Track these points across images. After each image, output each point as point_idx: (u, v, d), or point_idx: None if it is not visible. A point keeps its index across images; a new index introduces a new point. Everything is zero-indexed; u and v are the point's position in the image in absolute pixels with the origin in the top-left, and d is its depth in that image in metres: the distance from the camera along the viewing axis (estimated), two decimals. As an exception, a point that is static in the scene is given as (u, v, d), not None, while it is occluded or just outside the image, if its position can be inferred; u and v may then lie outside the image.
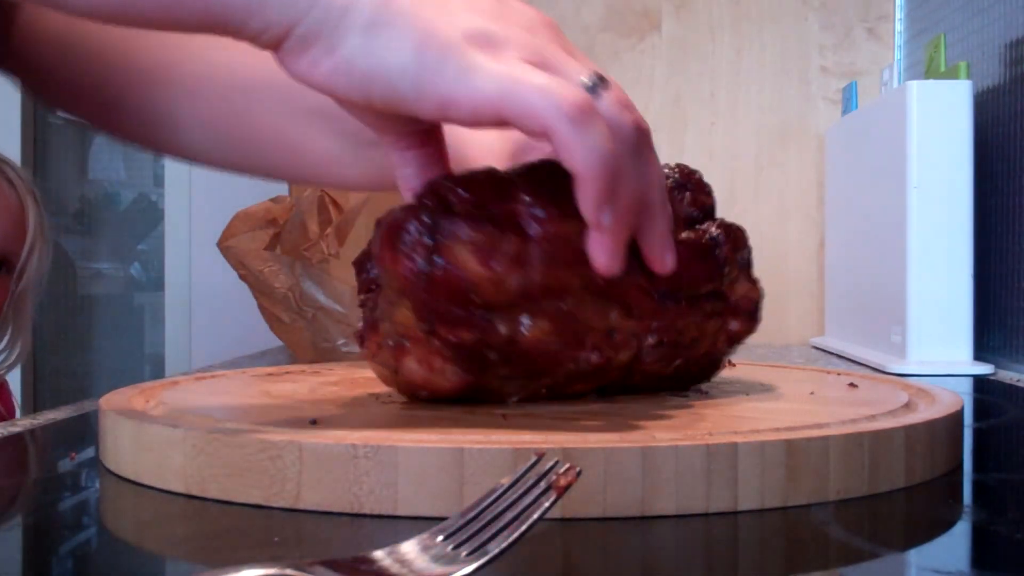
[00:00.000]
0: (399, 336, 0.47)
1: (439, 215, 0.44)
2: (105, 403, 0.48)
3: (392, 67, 0.39)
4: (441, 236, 0.44)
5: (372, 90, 0.40)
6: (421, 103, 0.40)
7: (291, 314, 1.00)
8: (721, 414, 0.46)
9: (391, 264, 0.45)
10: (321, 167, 0.61)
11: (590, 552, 0.35)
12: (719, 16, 1.41)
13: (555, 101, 0.38)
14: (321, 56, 0.40)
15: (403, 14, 0.40)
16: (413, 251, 0.44)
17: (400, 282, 0.45)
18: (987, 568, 0.35)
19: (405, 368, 0.47)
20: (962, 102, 0.96)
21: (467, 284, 0.44)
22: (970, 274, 0.97)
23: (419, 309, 0.45)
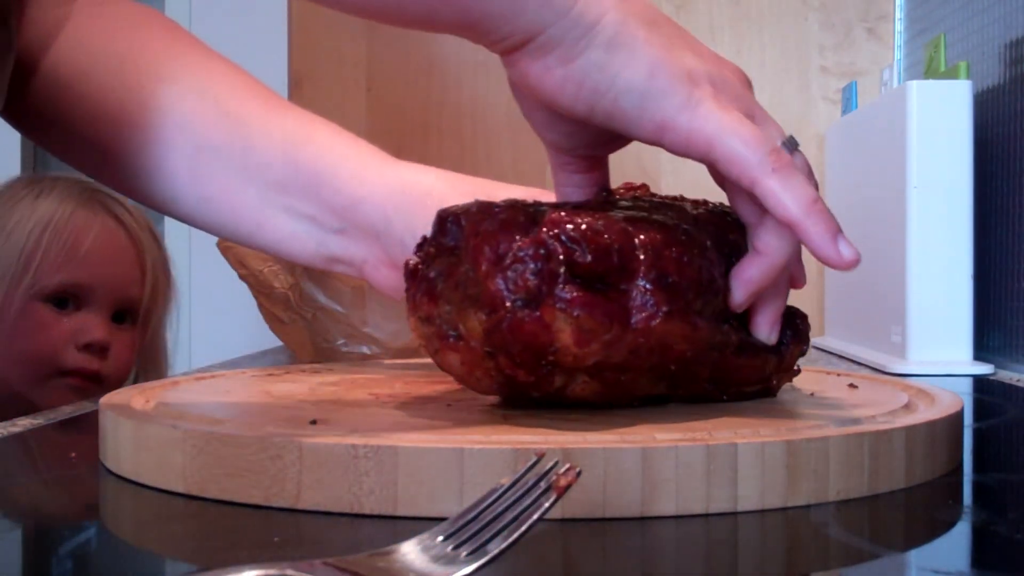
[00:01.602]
0: (454, 329, 0.45)
1: (557, 267, 0.43)
2: (105, 403, 0.48)
3: (623, 86, 0.43)
4: (548, 293, 0.43)
5: (598, 103, 0.43)
6: (642, 123, 0.43)
7: (291, 314, 1.00)
8: (721, 414, 0.46)
9: (485, 278, 0.44)
10: (279, 244, 0.61)
11: (590, 552, 0.35)
12: (719, 16, 1.41)
13: (762, 154, 0.42)
14: (555, 64, 0.43)
15: (639, 39, 0.43)
16: (515, 285, 0.43)
17: (487, 301, 0.44)
18: (987, 568, 0.35)
19: (445, 358, 0.46)
20: (962, 102, 0.96)
21: (551, 347, 0.43)
22: (970, 274, 0.97)
23: (491, 334, 0.44)
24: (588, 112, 0.44)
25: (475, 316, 0.44)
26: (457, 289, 0.45)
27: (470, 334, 0.44)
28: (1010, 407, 0.75)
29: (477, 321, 0.44)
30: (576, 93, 0.43)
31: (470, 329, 0.44)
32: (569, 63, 0.43)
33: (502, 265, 0.43)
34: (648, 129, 0.43)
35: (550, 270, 0.43)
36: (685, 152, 0.44)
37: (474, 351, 0.45)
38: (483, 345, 0.44)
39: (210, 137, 0.59)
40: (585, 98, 0.43)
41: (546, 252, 0.43)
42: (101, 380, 1.08)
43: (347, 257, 0.60)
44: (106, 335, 1.08)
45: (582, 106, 0.44)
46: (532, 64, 0.44)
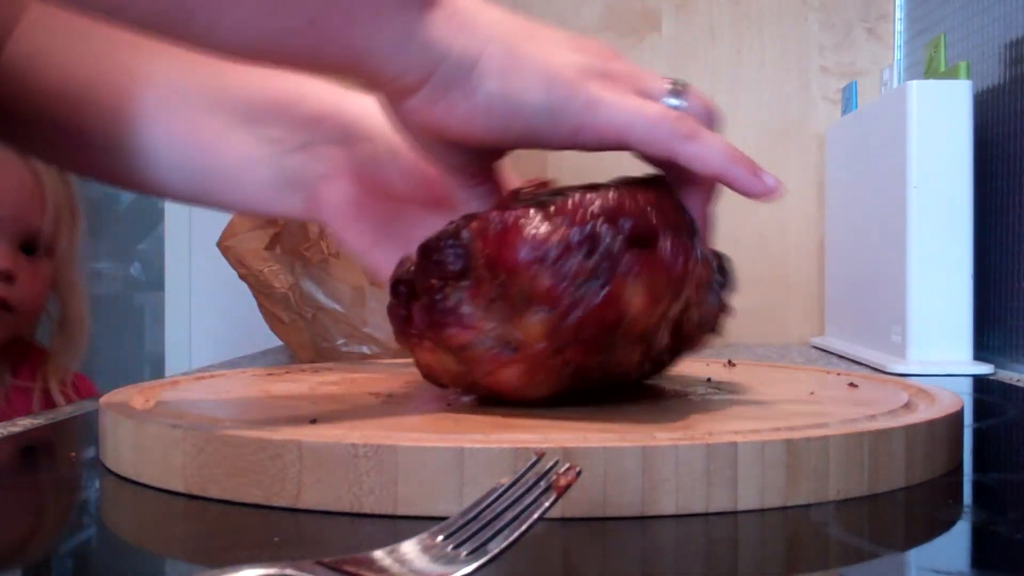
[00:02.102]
0: (506, 344, 0.45)
1: (609, 240, 0.44)
2: (105, 403, 0.48)
3: (529, 109, 0.44)
4: (612, 267, 0.44)
5: (510, 128, 0.45)
6: (556, 134, 0.45)
7: (291, 314, 1.00)
8: (721, 414, 0.46)
9: (534, 280, 0.44)
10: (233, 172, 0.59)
11: (590, 552, 0.35)
12: (719, 16, 1.41)
13: (669, 127, 0.45)
14: (459, 101, 0.44)
15: (529, 58, 0.44)
16: (576, 275, 0.44)
17: (546, 300, 0.44)
18: (987, 568, 0.35)
19: (501, 376, 0.46)
20: (962, 102, 0.96)
21: (624, 318, 0.44)
22: (970, 274, 0.97)
23: (557, 330, 0.44)
24: (501, 137, 0.45)
25: (534, 318, 0.44)
26: (495, 304, 0.45)
27: (531, 339, 0.45)
28: (1010, 407, 0.75)
29: (538, 323, 0.44)
30: (487, 124, 0.44)
31: (531, 334, 0.45)
32: (471, 98, 0.44)
33: (548, 261, 0.44)
34: (563, 137, 0.45)
35: (605, 247, 0.44)
36: (600, 147, 0.46)
37: (536, 355, 0.45)
38: (549, 344, 0.45)
39: (184, 84, 0.59)
40: (496, 127, 0.45)
41: (591, 231, 0.44)
42: (10, 308, 1.12)
43: (302, 175, 0.58)
44: (11, 264, 1.12)
45: (494, 134, 0.45)
46: (434, 106, 0.44)
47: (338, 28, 0.41)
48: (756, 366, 0.70)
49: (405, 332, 0.48)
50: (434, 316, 0.46)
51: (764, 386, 0.56)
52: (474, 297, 0.45)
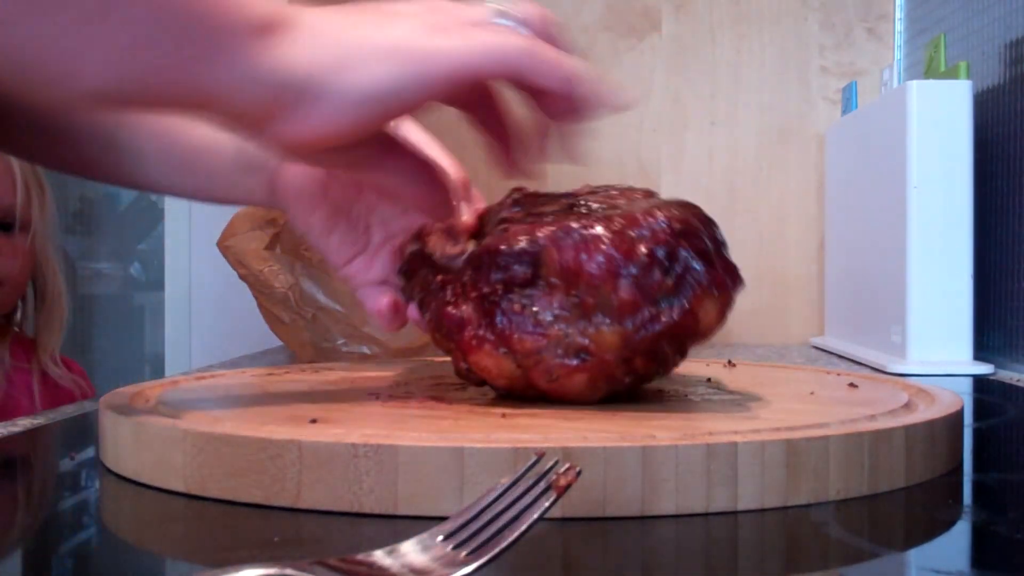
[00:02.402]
0: (576, 352, 0.46)
1: (685, 256, 0.46)
2: (105, 403, 0.48)
3: (377, 89, 0.44)
4: (694, 283, 0.46)
5: (373, 114, 0.45)
6: (415, 99, 0.45)
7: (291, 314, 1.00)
8: (721, 414, 0.46)
9: (614, 291, 0.45)
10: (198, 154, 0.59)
11: (590, 552, 0.35)
12: (719, 16, 1.41)
13: (503, 53, 0.46)
14: (314, 112, 0.44)
15: (364, 45, 0.45)
16: (655, 290, 0.45)
17: (624, 313, 0.45)
18: (987, 568, 0.35)
19: (569, 382, 0.47)
20: (962, 102, 0.96)
21: (697, 333, 0.47)
22: (970, 274, 0.97)
23: (631, 342, 0.46)
24: (370, 126, 0.46)
25: (610, 330, 0.46)
26: (567, 313, 0.46)
27: (602, 349, 0.46)
28: (1010, 407, 0.75)
29: (613, 334, 0.46)
30: (350, 122, 0.45)
31: (604, 344, 0.46)
32: (325, 105, 0.44)
33: (629, 275, 0.45)
34: (421, 100, 0.46)
35: (683, 265, 0.45)
36: (460, 94, 0.47)
37: (605, 363, 0.46)
38: (619, 354, 0.46)
39: None
40: (360, 120, 0.45)
41: (671, 249, 0.45)
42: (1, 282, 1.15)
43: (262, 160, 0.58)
44: None
45: (362, 127, 0.45)
46: (295, 125, 0.44)
47: (182, 70, 0.42)
48: (756, 366, 0.70)
49: (459, 333, 0.48)
50: (501, 321, 0.47)
51: (764, 386, 0.56)
52: (546, 305, 0.46)
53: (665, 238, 0.46)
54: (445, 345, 0.50)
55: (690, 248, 0.46)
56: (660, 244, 0.46)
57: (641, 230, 0.46)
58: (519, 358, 0.47)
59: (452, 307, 0.49)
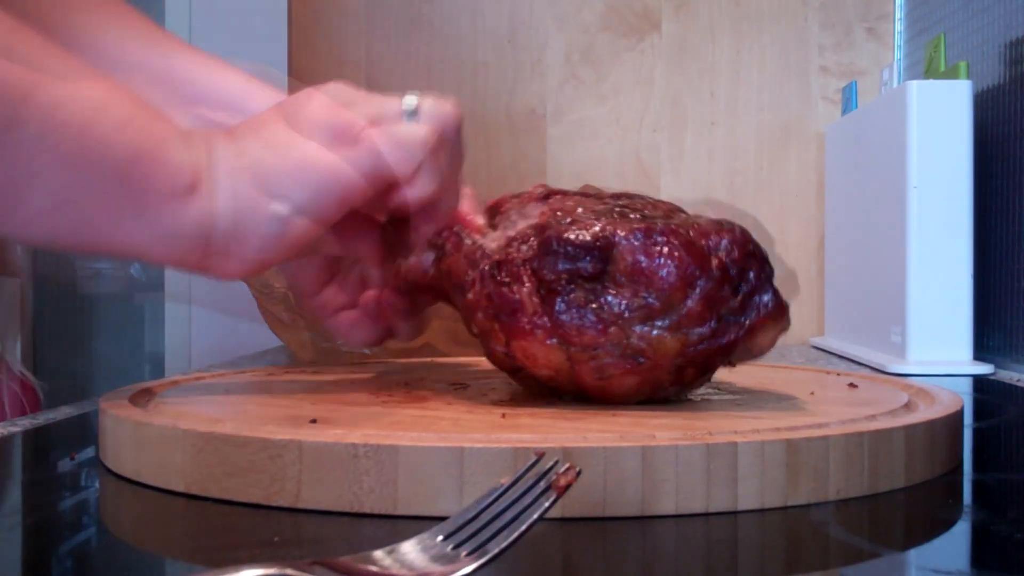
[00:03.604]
0: (633, 354, 0.46)
1: (752, 278, 0.47)
2: (105, 403, 0.48)
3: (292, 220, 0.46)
4: (757, 307, 0.47)
5: (300, 239, 0.47)
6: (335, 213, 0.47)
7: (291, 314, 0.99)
8: (721, 414, 0.46)
9: (682, 300, 0.46)
10: None
11: (590, 552, 0.35)
12: (719, 16, 1.41)
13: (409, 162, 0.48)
14: (240, 252, 0.46)
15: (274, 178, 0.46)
16: (722, 306, 0.46)
17: (688, 324, 0.46)
18: (987, 568, 0.35)
19: (621, 382, 0.47)
20: (962, 102, 0.96)
21: (750, 352, 0.48)
22: (970, 274, 0.97)
23: (689, 352, 0.46)
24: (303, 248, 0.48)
25: (671, 337, 0.46)
26: (630, 314, 0.46)
27: (659, 355, 0.46)
28: (1010, 407, 0.75)
29: (674, 342, 0.46)
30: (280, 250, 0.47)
31: (662, 351, 0.46)
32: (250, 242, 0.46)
33: (700, 287, 0.46)
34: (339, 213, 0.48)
35: (751, 286, 0.47)
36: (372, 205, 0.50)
37: (659, 369, 0.47)
38: (674, 362, 0.46)
39: (132, 55, 0.59)
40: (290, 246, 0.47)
41: (742, 268, 0.47)
42: None
43: None
44: None
45: (295, 249, 0.47)
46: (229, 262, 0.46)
47: (105, 231, 0.44)
48: (756, 366, 0.70)
49: (511, 316, 0.48)
50: (562, 311, 0.47)
51: (764, 386, 0.56)
52: (610, 303, 0.46)
53: (738, 257, 0.46)
54: (485, 325, 0.49)
55: (758, 271, 0.47)
56: (734, 262, 0.46)
57: (715, 245, 0.46)
58: (573, 351, 0.47)
59: (507, 289, 0.48)
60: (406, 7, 1.41)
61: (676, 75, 1.41)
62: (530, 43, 1.39)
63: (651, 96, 1.41)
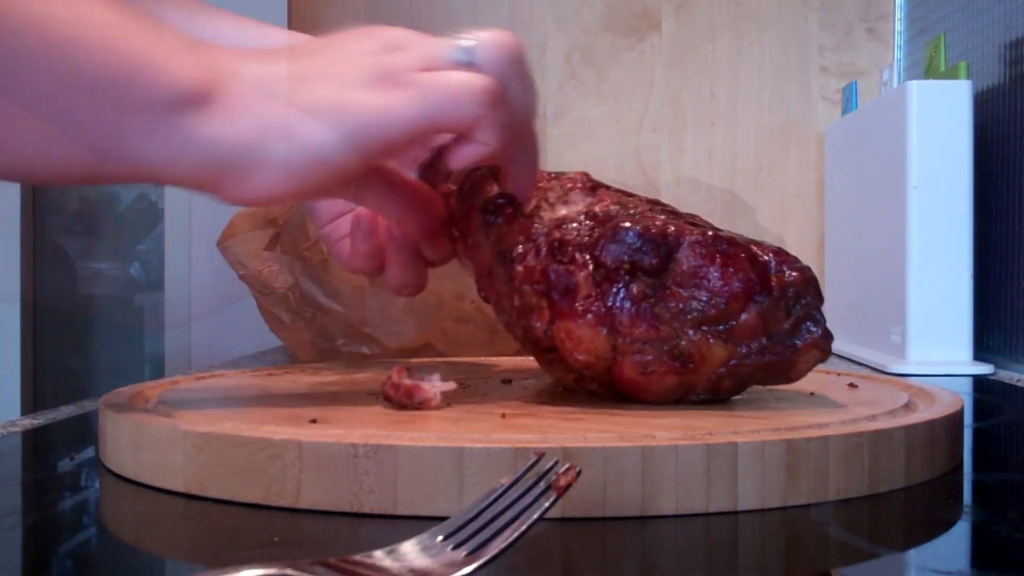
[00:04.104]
0: (679, 356, 0.47)
1: (809, 303, 0.48)
2: (105, 403, 0.48)
3: (312, 160, 0.43)
4: (807, 332, 0.48)
5: (309, 183, 0.43)
6: (366, 157, 0.44)
7: (291, 314, 1.00)
8: (721, 414, 0.46)
9: (739, 313, 0.46)
10: None
11: (590, 552, 0.35)
12: (719, 16, 1.41)
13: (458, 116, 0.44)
14: (250, 180, 0.43)
15: (292, 112, 0.42)
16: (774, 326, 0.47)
17: (740, 336, 0.46)
18: (987, 568, 0.35)
19: (660, 381, 0.47)
20: (962, 102, 0.96)
21: (788, 375, 0.48)
22: (970, 274, 0.97)
23: (733, 364, 0.47)
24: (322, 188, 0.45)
25: (723, 347, 0.46)
26: (685, 316, 0.46)
27: (705, 361, 0.47)
28: (1010, 407, 0.75)
29: (723, 351, 0.46)
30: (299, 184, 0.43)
31: (710, 358, 0.47)
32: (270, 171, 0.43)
33: (759, 303, 0.46)
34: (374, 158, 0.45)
35: (803, 311, 0.47)
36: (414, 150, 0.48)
37: (701, 375, 0.47)
38: (717, 370, 0.47)
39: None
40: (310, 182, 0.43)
41: (797, 292, 0.47)
42: None
43: None
44: None
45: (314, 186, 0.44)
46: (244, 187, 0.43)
47: (117, 146, 0.41)
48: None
49: (564, 296, 0.47)
50: (617, 300, 0.47)
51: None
52: (667, 301, 0.46)
53: (796, 280, 0.47)
54: (531, 300, 0.48)
55: (812, 299, 0.47)
56: (791, 285, 0.47)
57: (776, 265, 0.47)
58: (620, 342, 0.47)
59: (565, 268, 0.47)
60: (406, 6, 1.41)
61: (676, 75, 1.41)
62: (530, 43, 1.38)
63: (651, 96, 1.41)
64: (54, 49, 0.39)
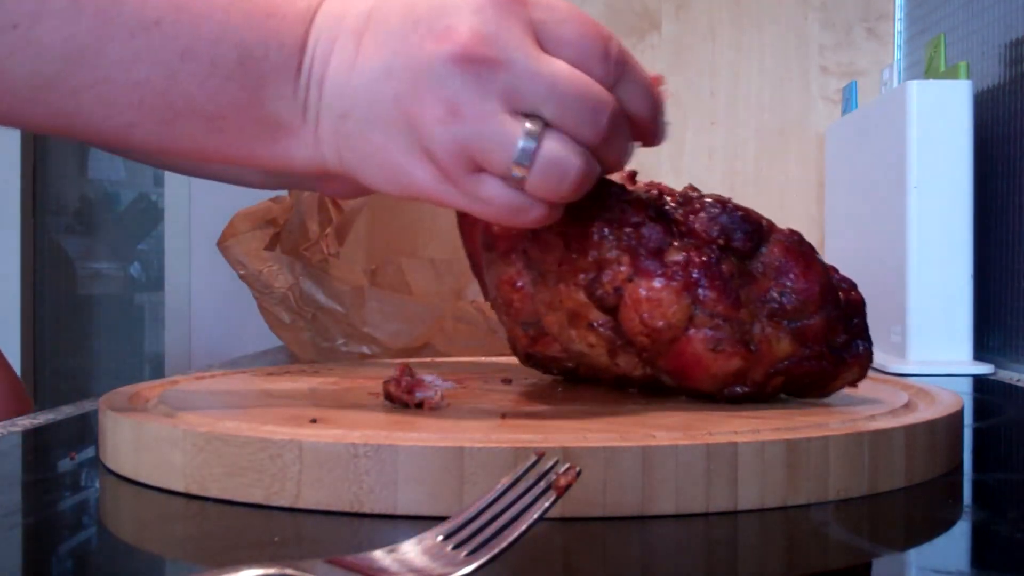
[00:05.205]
0: (747, 341, 0.47)
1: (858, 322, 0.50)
2: (105, 403, 0.48)
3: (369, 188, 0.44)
4: (857, 349, 0.49)
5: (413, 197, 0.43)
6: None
7: (291, 314, 1.00)
8: (721, 414, 0.46)
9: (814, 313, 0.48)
10: None
11: (590, 552, 0.35)
12: (719, 16, 1.41)
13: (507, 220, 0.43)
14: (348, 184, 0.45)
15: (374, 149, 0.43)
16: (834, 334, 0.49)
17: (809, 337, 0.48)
18: (987, 568, 0.35)
19: (724, 362, 0.47)
20: (962, 102, 0.96)
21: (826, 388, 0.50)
22: (970, 274, 0.97)
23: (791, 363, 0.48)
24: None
25: (787, 340, 0.47)
26: (761, 305, 0.47)
27: (770, 353, 0.47)
28: (1010, 407, 0.75)
29: (788, 345, 0.47)
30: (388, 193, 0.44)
31: (775, 349, 0.47)
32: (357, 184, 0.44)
33: (828, 307, 0.48)
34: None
35: (857, 324, 0.49)
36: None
37: (761, 365, 0.48)
38: (776, 365, 0.48)
39: None
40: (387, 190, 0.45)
41: (854, 309, 0.49)
42: None
43: None
44: None
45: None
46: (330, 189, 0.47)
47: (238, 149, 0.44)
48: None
49: (653, 258, 0.47)
50: (707, 272, 0.47)
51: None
52: (748, 285, 0.47)
53: (857, 299, 0.49)
54: (611, 255, 0.47)
55: (862, 320, 0.50)
56: (853, 302, 0.49)
57: (841, 280, 0.49)
58: (699, 313, 0.46)
59: (660, 227, 0.47)
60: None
61: (676, 75, 1.41)
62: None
63: (651, 96, 1.41)
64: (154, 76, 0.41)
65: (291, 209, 1.01)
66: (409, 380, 0.48)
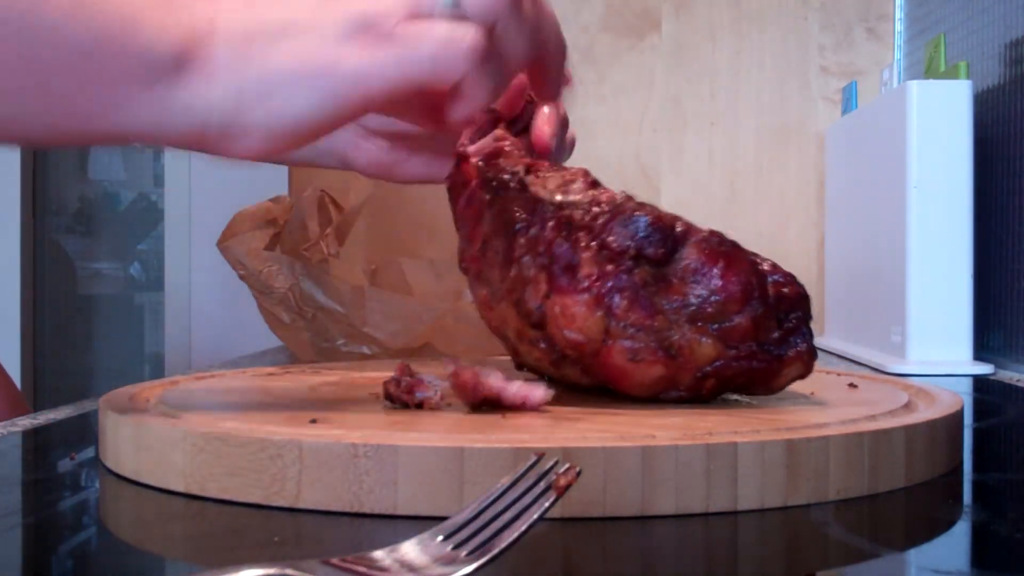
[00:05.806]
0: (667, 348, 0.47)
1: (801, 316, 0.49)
2: (105, 403, 0.48)
3: (299, 121, 0.42)
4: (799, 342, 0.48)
5: (298, 140, 0.43)
6: (343, 119, 0.43)
7: (291, 314, 1.00)
8: (721, 414, 0.46)
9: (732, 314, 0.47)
10: None
11: (590, 552, 0.35)
12: (719, 16, 1.41)
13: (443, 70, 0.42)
14: (238, 141, 0.42)
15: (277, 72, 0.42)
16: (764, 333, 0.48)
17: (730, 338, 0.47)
18: (987, 568, 0.35)
19: (644, 371, 0.47)
20: (962, 102, 0.96)
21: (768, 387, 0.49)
22: (970, 274, 0.97)
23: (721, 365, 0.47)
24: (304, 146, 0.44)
25: (713, 346, 0.47)
26: (681, 310, 0.47)
27: (694, 357, 0.47)
28: (1010, 407, 0.75)
29: (711, 350, 0.47)
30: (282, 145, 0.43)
31: (699, 355, 0.47)
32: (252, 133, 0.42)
33: (753, 308, 0.47)
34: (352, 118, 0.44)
35: (794, 322, 0.48)
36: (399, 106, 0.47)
37: (686, 371, 0.47)
38: (703, 368, 0.47)
39: None
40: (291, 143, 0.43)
41: (789, 307, 0.48)
42: None
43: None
44: None
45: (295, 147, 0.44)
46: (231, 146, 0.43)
47: (97, 115, 0.41)
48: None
49: (565, 273, 0.47)
50: (617, 283, 0.47)
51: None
52: (666, 292, 0.47)
53: (789, 294, 0.48)
54: (529, 272, 0.48)
55: (802, 315, 0.48)
56: (784, 297, 0.48)
57: (773, 274, 0.48)
58: (614, 325, 0.47)
59: (571, 244, 0.47)
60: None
61: (676, 75, 1.41)
62: (530, 43, 1.38)
63: (651, 96, 1.41)
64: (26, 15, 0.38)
65: (291, 209, 1.01)
66: (409, 380, 0.48)
